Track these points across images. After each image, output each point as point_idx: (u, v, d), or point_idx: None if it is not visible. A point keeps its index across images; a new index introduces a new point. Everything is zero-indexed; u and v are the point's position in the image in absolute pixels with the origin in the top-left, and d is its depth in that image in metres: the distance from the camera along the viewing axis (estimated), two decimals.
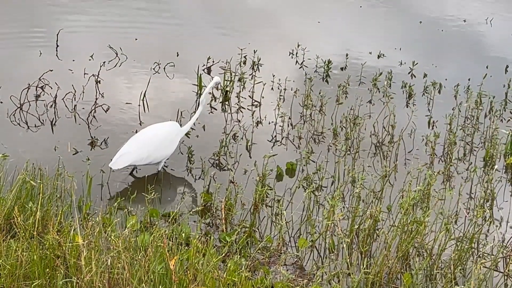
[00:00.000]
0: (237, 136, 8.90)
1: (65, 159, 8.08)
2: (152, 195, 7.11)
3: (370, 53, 11.28)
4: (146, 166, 8.10)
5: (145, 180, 7.95)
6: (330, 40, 11.83)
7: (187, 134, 8.56)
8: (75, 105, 9.25)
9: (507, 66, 11.01)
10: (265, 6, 12.94)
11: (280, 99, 9.74)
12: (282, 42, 11.43)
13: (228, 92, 9.71)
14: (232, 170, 8.16)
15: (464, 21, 12.83)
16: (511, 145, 8.76)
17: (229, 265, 6.26)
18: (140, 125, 9.00)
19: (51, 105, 9.20)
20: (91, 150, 8.49)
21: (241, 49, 10.46)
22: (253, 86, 9.94)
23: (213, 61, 10.34)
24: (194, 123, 8.53)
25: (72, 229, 6.24)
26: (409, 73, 10.65)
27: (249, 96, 9.81)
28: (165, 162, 8.24)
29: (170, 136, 8.18)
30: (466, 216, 7.54)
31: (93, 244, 5.95)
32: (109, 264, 5.77)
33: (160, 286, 5.79)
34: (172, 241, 6.34)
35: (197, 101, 9.53)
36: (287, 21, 12.47)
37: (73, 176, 7.11)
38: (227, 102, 9.64)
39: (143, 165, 8.08)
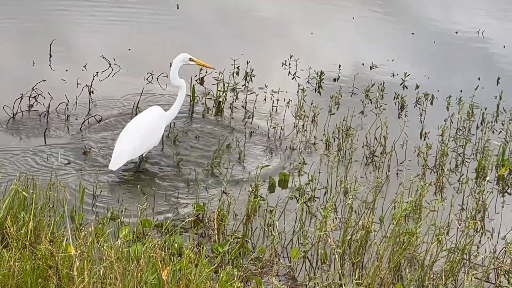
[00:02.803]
0: (230, 147, 8.91)
1: (58, 169, 8.08)
2: (145, 205, 7.12)
3: (363, 64, 11.32)
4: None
5: (137, 191, 7.96)
6: (322, 51, 11.87)
7: (175, 137, 8.58)
8: (68, 115, 9.26)
9: (498, 78, 11.06)
10: (258, 18, 12.97)
11: (272, 109, 9.77)
12: (275, 53, 11.47)
13: (221, 103, 9.73)
14: (224, 181, 8.17)
15: (456, 32, 12.88)
16: (502, 157, 8.80)
17: (221, 275, 6.26)
18: None
19: (44, 115, 9.20)
20: (84, 160, 8.49)
21: (234, 60, 10.49)
22: (246, 97, 9.96)
23: (206, 72, 10.35)
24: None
25: (65, 239, 6.24)
26: (401, 84, 10.69)
27: (242, 106, 9.83)
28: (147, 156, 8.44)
29: (156, 122, 8.41)
30: (457, 227, 7.56)
31: (85, 255, 5.95)
32: (101, 274, 5.77)
33: None
34: (165, 252, 6.34)
35: (190, 111, 9.57)
36: (280, 32, 12.50)
37: (66, 187, 7.10)
38: (220, 113, 9.66)
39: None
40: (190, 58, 8.61)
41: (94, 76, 9.88)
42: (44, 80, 9.59)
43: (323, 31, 12.74)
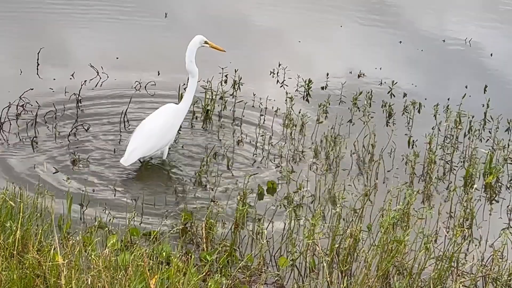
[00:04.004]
0: (218, 155, 8.91)
1: (45, 177, 8.07)
2: (133, 214, 7.11)
3: (351, 72, 11.36)
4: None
5: (126, 199, 7.95)
6: (310, 59, 11.90)
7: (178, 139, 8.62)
8: (55, 124, 9.24)
9: (486, 86, 11.11)
10: (246, 27, 13.01)
11: (260, 118, 9.78)
12: (263, 61, 11.49)
13: (209, 111, 9.73)
14: (213, 189, 8.17)
15: (443, 41, 12.94)
16: (490, 164, 8.83)
17: (209, 284, 6.26)
18: (120, 143, 8.99)
19: (32, 124, 9.18)
20: (72, 168, 8.47)
21: (222, 68, 10.51)
22: (234, 105, 9.97)
23: None
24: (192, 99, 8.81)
25: (52, 248, 6.22)
26: (388, 92, 10.72)
27: (230, 115, 9.84)
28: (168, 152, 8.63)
29: (170, 120, 8.53)
30: (445, 235, 7.58)
31: (73, 264, 5.94)
32: (89, 283, 5.76)
33: None
34: (153, 260, 6.33)
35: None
36: (268, 41, 12.54)
37: (53, 195, 7.09)
38: (208, 121, 9.66)
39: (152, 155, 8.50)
40: (206, 41, 8.63)
41: (82, 85, 9.88)
42: (32, 89, 9.58)
43: (311, 39, 12.77)
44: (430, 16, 14.40)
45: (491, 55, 12.50)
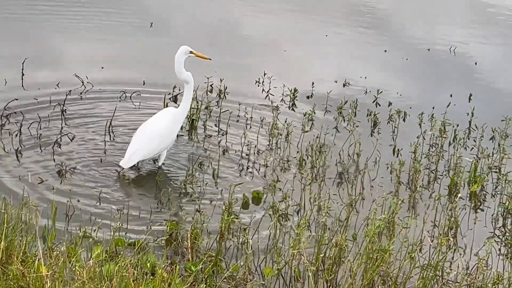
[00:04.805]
0: (204, 165, 8.90)
1: (30, 188, 8.04)
2: (118, 224, 7.10)
3: (336, 81, 11.39)
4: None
5: (111, 210, 7.93)
6: (296, 69, 11.92)
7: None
8: (40, 134, 9.21)
9: (470, 95, 11.16)
10: (230, 36, 13.02)
11: (246, 127, 9.78)
12: (249, 71, 11.50)
13: (195, 121, 9.72)
14: (198, 199, 8.16)
15: (428, 50, 13.00)
16: (474, 173, 8.86)
17: None
18: (105, 153, 8.97)
19: (16, 134, 9.14)
20: (56, 179, 8.44)
21: (208, 78, 10.51)
22: (220, 115, 9.97)
23: (179, 90, 10.36)
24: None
25: (37, 260, 6.19)
26: (374, 101, 10.74)
27: (215, 124, 9.84)
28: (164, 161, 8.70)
29: (171, 123, 8.67)
30: (430, 244, 7.59)
31: (57, 275, 5.92)
32: None
33: None
34: (138, 271, 6.32)
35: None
36: (254, 50, 12.56)
37: (38, 206, 7.06)
38: (193, 131, 9.65)
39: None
40: (191, 51, 8.70)
41: (66, 95, 9.87)
42: (16, 99, 9.56)
43: (297, 48, 12.80)
44: (415, 25, 14.46)
45: (476, 63, 12.56)
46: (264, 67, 11.23)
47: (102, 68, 11.22)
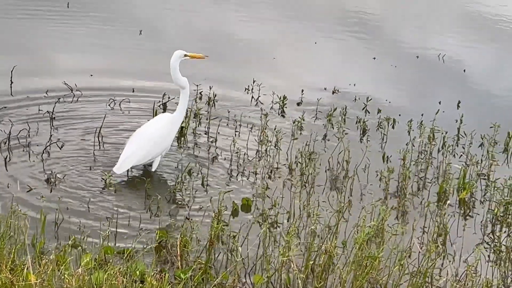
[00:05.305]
0: (193, 172, 8.90)
1: (19, 196, 8.01)
2: (107, 232, 7.08)
3: (325, 88, 11.41)
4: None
5: (100, 217, 7.91)
6: (285, 76, 11.94)
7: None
8: (29, 142, 9.19)
9: (459, 102, 11.20)
10: (219, 44, 13.03)
11: (235, 134, 9.79)
12: (238, 78, 11.51)
13: (184, 128, 9.72)
14: (187, 206, 8.15)
15: (417, 57, 13.04)
16: (463, 180, 8.88)
17: None
18: (94, 161, 8.95)
19: (5, 142, 9.12)
20: (45, 187, 8.42)
21: (197, 85, 10.52)
22: (209, 122, 9.98)
23: (169, 97, 10.36)
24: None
25: (25, 268, 6.18)
26: (363, 108, 10.76)
27: (204, 132, 9.84)
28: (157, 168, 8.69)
29: (166, 129, 8.68)
30: (419, 251, 7.60)
31: (46, 283, 5.90)
32: None
33: None
34: (127, 279, 6.30)
35: None
36: (243, 57, 12.57)
37: (27, 214, 7.04)
38: (183, 138, 9.64)
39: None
40: (185, 54, 8.74)
41: (55, 103, 9.86)
42: (5, 107, 9.54)
43: (286, 55, 12.82)
44: (404, 32, 14.50)
45: (464, 71, 12.61)
46: (253, 74, 11.25)
47: (91, 75, 11.21)
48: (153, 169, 8.76)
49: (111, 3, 14.58)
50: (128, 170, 8.62)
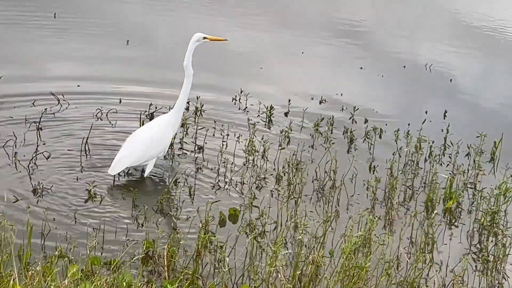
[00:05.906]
0: (180, 182, 8.89)
1: (5, 207, 7.98)
2: (94, 243, 7.05)
3: (312, 98, 11.43)
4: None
5: (86, 228, 7.89)
6: (272, 86, 11.95)
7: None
8: (15, 152, 9.16)
9: (445, 112, 11.23)
10: (205, 53, 13.04)
11: (222, 144, 9.78)
12: (225, 88, 11.52)
13: (171, 138, 9.70)
14: (174, 217, 8.14)
15: (404, 67, 13.09)
16: (450, 189, 8.90)
17: None
18: (81, 171, 8.93)
19: None
20: (32, 197, 8.39)
21: None
22: (196, 132, 9.97)
23: (156, 107, 10.36)
24: (188, 102, 9.00)
25: (12, 279, 6.15)
26: (350, 118, 10.79)
27: (191, 142, 9.83)
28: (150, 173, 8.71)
29: (162, 131, 8.67)
30: (407, 260, 7.61)
31: None
32: None
33: None
34: None
35: None
36: (230, 67, 12.59)
37: (13, 225, 7.00)
38: (169, 148, 9.63)
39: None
40: (205, 37, 8.69)
41: (42, 113, 9.84)
42: None
43: (273, 66, 12.84)
44: (391, 41, 14.57)
45: (451, 80, 12.66)
46: (240, 84, 11.26)
47: (78, 86, 11.20)
48: (145, 174, 8.74)
49: (97, 13, 14.59)
50: (123, 172, 8.61)
